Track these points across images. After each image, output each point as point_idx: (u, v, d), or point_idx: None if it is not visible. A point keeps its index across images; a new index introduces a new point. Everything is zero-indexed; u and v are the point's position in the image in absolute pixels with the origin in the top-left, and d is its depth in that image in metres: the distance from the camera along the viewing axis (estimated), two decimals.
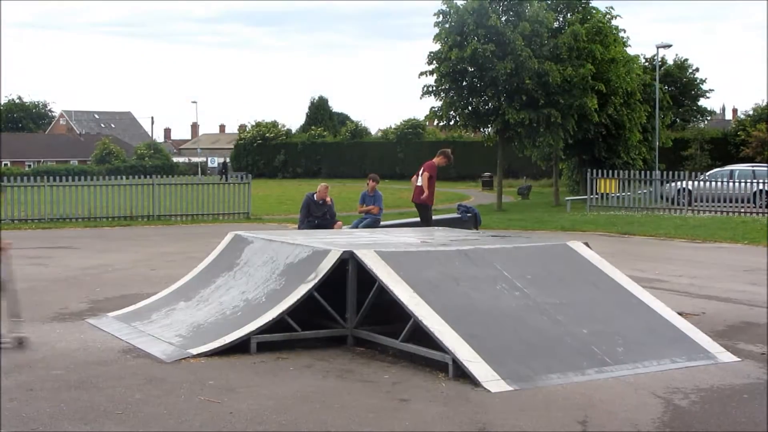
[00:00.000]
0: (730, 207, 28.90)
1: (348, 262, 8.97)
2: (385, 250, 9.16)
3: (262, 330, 8.62)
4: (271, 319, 8.64)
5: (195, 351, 8.43)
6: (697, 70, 57.81)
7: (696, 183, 30.79)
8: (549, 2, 33.66)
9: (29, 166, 78.98)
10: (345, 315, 9.11)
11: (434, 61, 32.10)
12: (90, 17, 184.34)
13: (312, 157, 74.00)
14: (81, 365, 8.07)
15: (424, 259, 9.22)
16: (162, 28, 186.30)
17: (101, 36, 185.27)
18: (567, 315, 8.69)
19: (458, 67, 31.52)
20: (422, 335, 8.13)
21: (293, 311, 8.78)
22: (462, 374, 7.57)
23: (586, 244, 10.38)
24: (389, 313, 9.14)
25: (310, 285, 8.81)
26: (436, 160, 15.95)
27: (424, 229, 13.46)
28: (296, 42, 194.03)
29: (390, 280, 8.54)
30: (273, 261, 9.77)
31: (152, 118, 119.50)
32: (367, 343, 8.99)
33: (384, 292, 8.72)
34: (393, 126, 72.95)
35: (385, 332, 8.88)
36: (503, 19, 31.86)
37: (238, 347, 8.52)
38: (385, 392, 7.31)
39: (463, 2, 31.66)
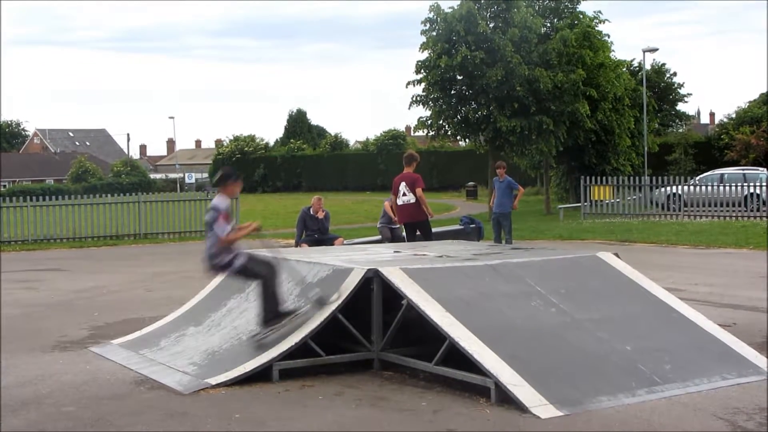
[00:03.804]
0: (722, 211, 28.62)
1: (372, 281, 8.42)
2: (410, 266, 8.63)
3: (284, 356, 8.05)
4: (294, 343, 8.06)
5: (213, 381, 7.84)
6: (674, 74, 57.70)
7: (686, 188, 30.52)
8: (536, 8, 33.35)
9: (4, 186, 77.90)
10: (369, 337, 8.56)
11: (422, 70, 31.66)
12: (60, 34, 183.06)
13: (292, 171, 73.41)
14: (93, 400, 7.46)
15: (452, 275, 8.69)
16: (133, 43, 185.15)
17: (74, 52, 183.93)
18: (608, 331, 8.18)
19: (447, 75, 31.10)
20: (456, 357, 7.60)
21: (315, 335, 8.23)
22: (505, 399, 7.04)
23: (616, 254, 9.90)
24: (413, 334, 8.62)
25: (333, 306, 8.25)
26: (409, 169, 14.76)
27: (439, 243, 12.90)
28: (271, 54, 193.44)
29: (420, 299, 8.00)
30: (289, 281, 9.19)
31: (128, 134, 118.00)
32: (394, 366, 8.44)
33: (406, 311, 8.21)
34: (373, 137, 72.54)
35: (413, 354, 8.33)
36: (491, 25, 31.47)
37: (259, 375, 7.94)
38: (428, 422, 6.77)
39: (450, 10, 31.26)
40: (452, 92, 32.27)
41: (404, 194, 14.69)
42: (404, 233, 15.51)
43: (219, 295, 10.03)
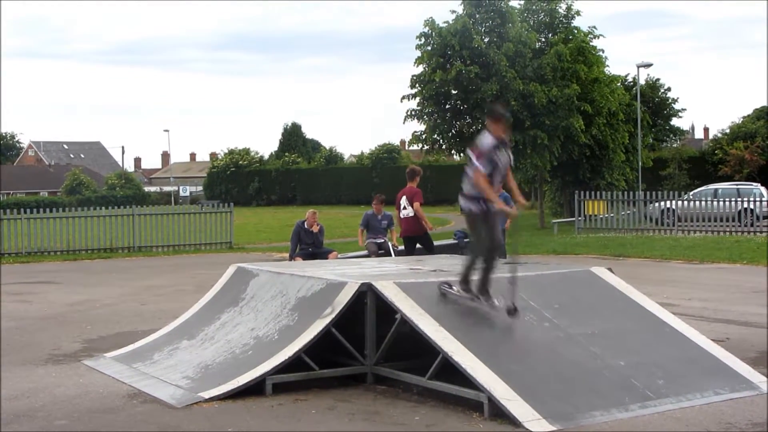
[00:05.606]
0: (716, 226, 28.67)
1: (366, 295, 8.43)
2: (404, 281, 8.63)
3: (277, 370, 8.04)
4: (287, 357, 8.06)
5: (206, 394, 7.83)
6: (669, 89, 57.75)
7: (680, 203, 30.56)
8: (531, 23, 33.48)
9: None
10: (363, 351, 8.55)
11: (417, 84, 31.74)
12: (56, 46, 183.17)
13: (286, 184, 73.38)
14: (85, 414, 7.44)
15: None
16: (129, 56, 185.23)
17: (69, 64, 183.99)
18: (601, 346, 8.19)
19: (442, 89, 31.18)
20: (449, 372, 7.60)
21: (308, 349, 8.22)
22: (499, 414, 7.04)
23: (610, 269, 9.92)
24: (406, 348, 8.61)
25: (327, 320, 8.24)
26: (412, 183, 15.00)
27: (434, 257, 12.92)
28: (266, 68, 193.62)
29: (413, 314, 8.01)
30: (283, 295, 9.20)
31: (122, 147, 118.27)
32: (387, 380, 8.43)
33: (399, 325, 8.20)
34: (367, 151, 72.59)
35: (406, 368, 8.33)
36: (486, 40, 31.58)
37: (252, 389, 7.93)
38: None
39: (445, 24, 31.38)
40: (447, 106, 32.37)
41: (404, 208, 15.00)
42: (402, 246, 15.60)
43: (212, 309, 10.02)
